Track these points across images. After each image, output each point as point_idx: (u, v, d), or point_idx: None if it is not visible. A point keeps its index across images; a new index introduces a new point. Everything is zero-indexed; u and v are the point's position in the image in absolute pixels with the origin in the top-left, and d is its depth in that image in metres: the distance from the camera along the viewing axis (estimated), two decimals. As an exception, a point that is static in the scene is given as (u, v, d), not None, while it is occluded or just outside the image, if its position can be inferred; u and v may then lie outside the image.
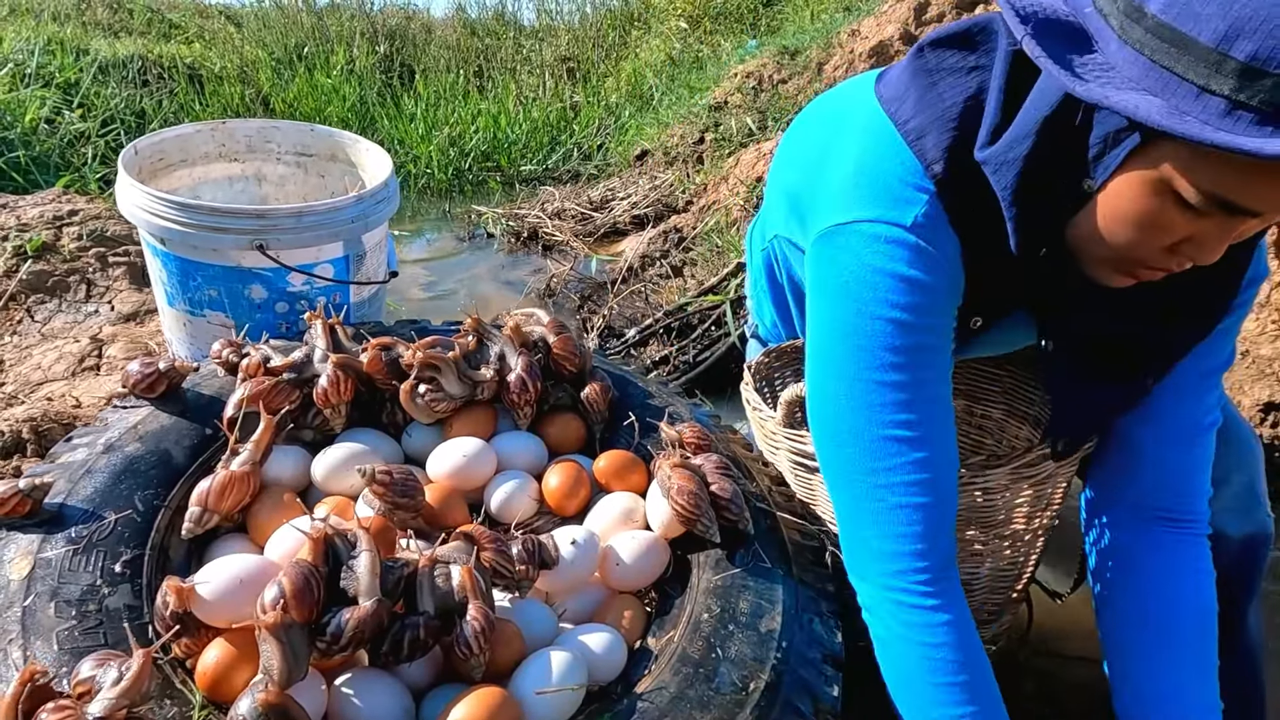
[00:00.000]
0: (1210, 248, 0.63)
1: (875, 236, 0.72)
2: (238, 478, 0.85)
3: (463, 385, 1.00)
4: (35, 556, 0.77)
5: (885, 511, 0.76)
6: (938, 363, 0.76)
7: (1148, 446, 0.85)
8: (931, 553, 0.75)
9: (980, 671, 0.76)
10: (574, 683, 0.73)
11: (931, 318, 0.74)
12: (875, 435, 0.75)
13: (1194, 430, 0.85)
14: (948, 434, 0.76)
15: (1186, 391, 0.84)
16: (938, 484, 0.75)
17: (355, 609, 0.67)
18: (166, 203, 1.06)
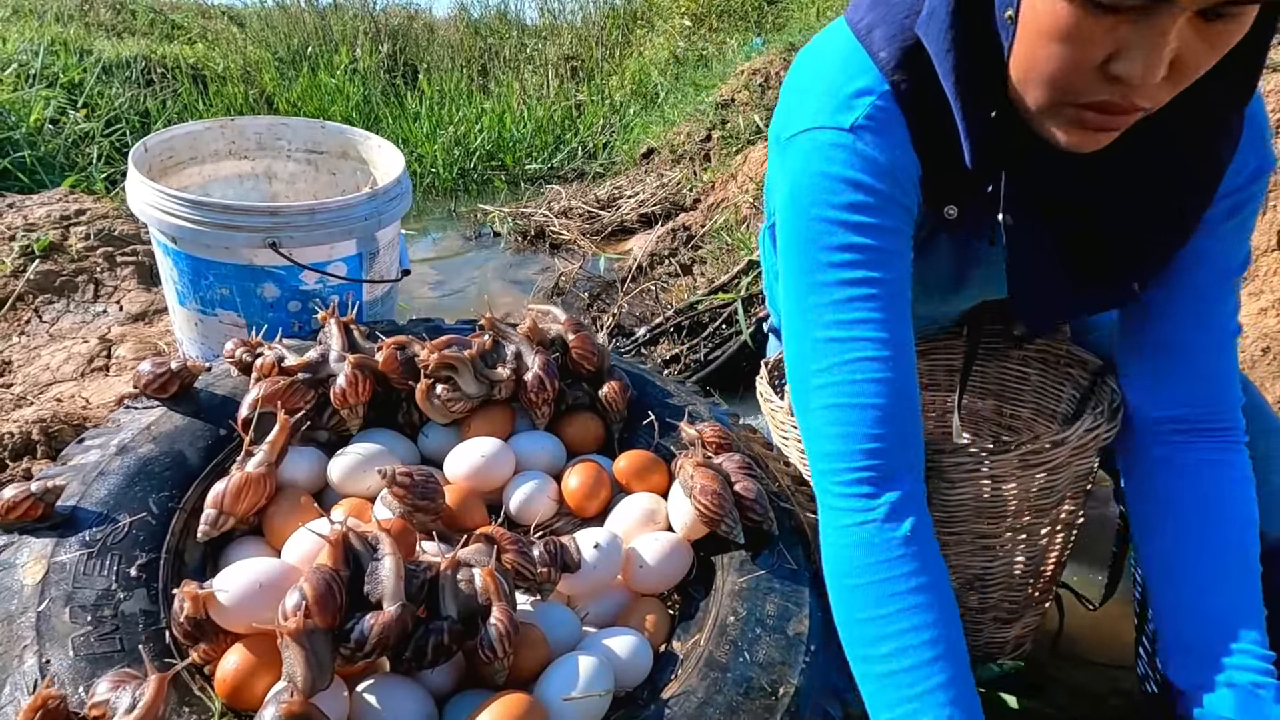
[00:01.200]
0: (1140, 62, 0.58)
1: (818, 143, 0.73)
2: (254, 479, 0.83)
3: (479, 385, 0.98)
4: (49, 561, 0.75)
5: (826, 410, 0.74)
6: (886, 263, 0.74)
7: (1177, 357, 0.82)
8: (878, 454, 0.72)
9: (940, 593, 0.71)
10: (601, 688, 0.71)
11: (876, 217, 0.73)
12: (816, 337, 0.74)
13: (1220, 336, 0.81)
14: (898, 338, 0.73)
15: (1206, 295, 0.80)
16: (884, 387, 0.72)
17: (379, 614, 0.65)
18: (178, 200, 1.05)
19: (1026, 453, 0.85)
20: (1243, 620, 0.75)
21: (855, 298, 0.73)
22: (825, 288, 0.74)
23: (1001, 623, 1.02)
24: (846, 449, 0.73)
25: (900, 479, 0.74)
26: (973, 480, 0.88)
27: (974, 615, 1.00)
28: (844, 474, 0.74)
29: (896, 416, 0.73)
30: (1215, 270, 0.80)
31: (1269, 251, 1.66)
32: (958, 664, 0.70)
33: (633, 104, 4.39)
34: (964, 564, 0.95)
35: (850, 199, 0.72)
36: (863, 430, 0.72)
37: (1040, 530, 0.95)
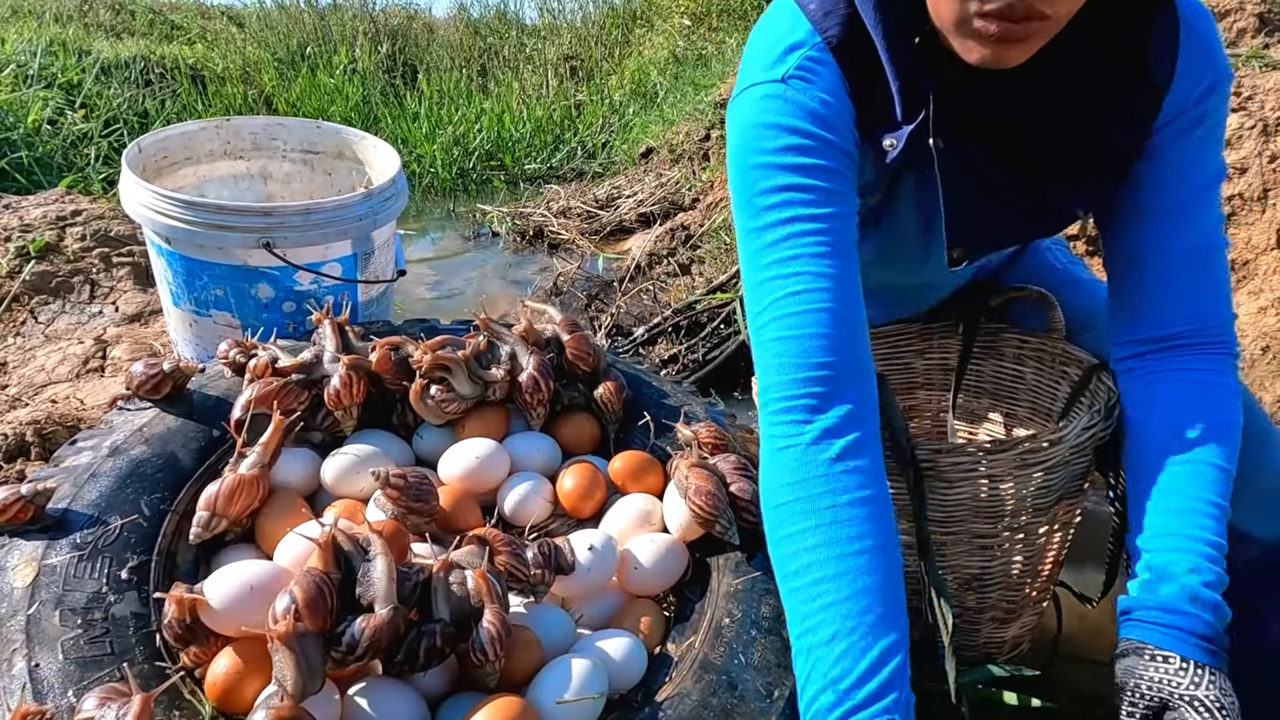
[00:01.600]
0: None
1: (753, 98, 0.76)
2: (247, 481, 0.83)
3: (474, 386, 0.98)
4: (39, 563, 0.75)
5: (769, 344, 0.74)
6: (822, 201, 0.75)
7: (1157, 275, 0.81)
8: (815, 381, 0.72)
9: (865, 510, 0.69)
10: (594, 691, 0.71)
11: (809, 157, 0.75)
12: (760, 278, 0.75)
13: (1203, 250, 0.80)
14: (839, 272, 0.74)
15: (1182, 210, 0.80)
16: (823, 316, 0.72)
17: (371, 617, 0.65)
18: (171, 201, 1.04)
19: (1024, 451, 0.85)
20: (1204, 515, 0.74)
21: (792, 235, 0.74)
22: (765, 230, 0.75)
23: (999, 623, 1.02)
24: (784, 378, 0.73)
25: (837, 405, 0.72)
26: (970, 480, 0.88)
27: (972, 615, 1.00)
28: (780, 402, 0.74)
29: (836, 345, 0.73)
30: (1188, 184, 0.80)
31: (1268, 250, 1.66)
32: (880, 582, 0.67)
33: (632, 104, 4.38)
34: (961, 564, 0.95)
35: (783, 143, 0.75)
36: (800, 359, 0.73)
37: (1038, 529, 0.95)
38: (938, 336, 1.23)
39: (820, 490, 0.69)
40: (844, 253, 0.75)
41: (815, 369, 0.72)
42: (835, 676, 0.64)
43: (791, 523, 0.70)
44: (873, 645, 0.64)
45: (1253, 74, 1.87)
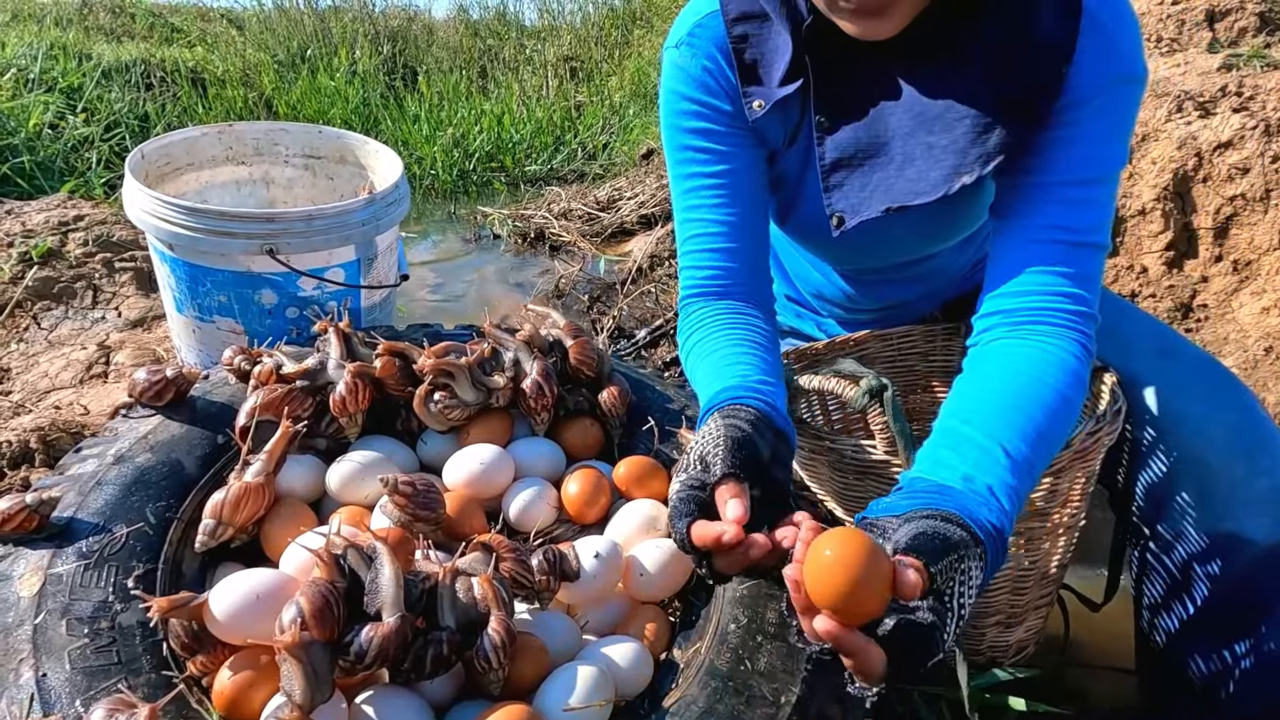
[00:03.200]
0: None
1: (664, 63, 0.92)
2: (253, 489, 0.83)
3: (477, 392, 0.98)
4: (45, 572, 0.75)
5: (682, 269, 0.93)
6: (712, 160, 0.89)
7: (1023, 251, 0.81)
8: (708, 295, 0.90)
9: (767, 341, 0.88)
10: (601, 698, 0.71)
11: (697, 121, 0.89)
12: (677, 219, 0.93)
13: (1067, 236, 0.79)
14: (734, 219, 0.90)
15: (1056, 193, 0.79)
16: (720, 255, 0.90)
17: (378, 625, 0.65)
18: (174, 207, 1.04)
19: None
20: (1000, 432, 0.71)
21: (693, 188, 0.91)
22: (677, 180, 0.93)
23: (1004, 627, 1.02)
24: (686, 291, 0.92)
25: (729, 300, 0.91)
26: None
27: (976, 620, 1.00)
28: (683, 303, 0.92)
29: (730, 272, 0.90)
30: (1075, 170, 0.79)
31: (1271, 251, 1.66)
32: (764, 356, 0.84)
33: (632, 105, 4.38)
34: None
35: (679, 108, 0.90)
36: (698, 281, 0.91)
37: (1043, 533, 0.95)
38: (941, 339, 1.23)
39: (711, 328, 0.88)
40: (739, 199, 0.90)
41: (711, 285, 0.90)
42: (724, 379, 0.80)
43: (694, 360, 0.88)
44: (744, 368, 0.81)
45: (1254, 74, 1.87)
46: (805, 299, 1.26)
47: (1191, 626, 0.96)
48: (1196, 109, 1.78)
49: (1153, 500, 0.97)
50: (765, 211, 0.95)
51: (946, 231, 0.99)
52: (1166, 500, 0.96)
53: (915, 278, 1.11)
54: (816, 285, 1.18)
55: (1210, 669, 0.94)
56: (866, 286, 1.12)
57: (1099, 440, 0.87)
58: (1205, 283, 1.72)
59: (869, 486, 0.90)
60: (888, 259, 1.05)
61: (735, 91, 0.88)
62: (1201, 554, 0.93)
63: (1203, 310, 1.71)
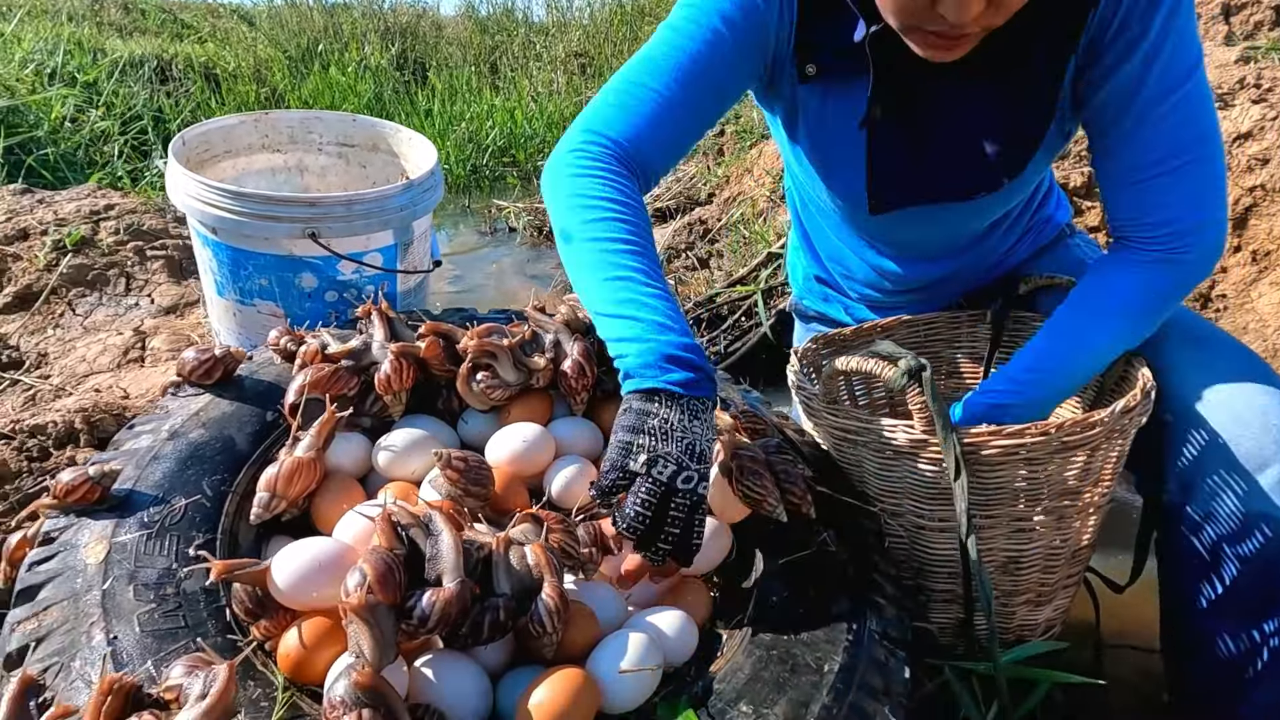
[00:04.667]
0: (954, 5, 0.71)
1: None
2: (304, 463, 0.85)
3: (518, 373, 1.00)
4: (110, 541, 0.77)
5: (600, 100, 0.92)
6: (715, 39, 0.89)
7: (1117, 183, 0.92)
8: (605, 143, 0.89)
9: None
10: (652, 663, 0.73)
11: (733, 9, 0.88)
12: (638, 55, 0.92)
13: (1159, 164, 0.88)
14: (696, 84, 0.90)
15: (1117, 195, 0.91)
16: (659, 104, 0.89)
17: (439, 590, 0.67)
18: (219, 191, 1.06)
19: (1065, 434, 0.86)
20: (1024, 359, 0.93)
21: (676, 48, 0.89)
22: (669, 28, 0.91)
23: (1033, 605, 1.03)
24: (597, 128, 0.90)
25: (627, 166, 0.89)
26: (1010, 463, 0.89)
27: (1005, 598, 1.02)
28: (580, 136, 0.90)
29: (639, 135, 0.89)
30: (1139, 103, 0.85)
31: (1290, 241, 1.67)
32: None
33: (643, 100, 4.40)
34: (999, 547, 0.96)
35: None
36: (613, 128, 0.89)
37: (1073, 512, 0.96)
38: (966, 325, 1.24)
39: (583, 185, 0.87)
40: (701, 92, 0.90)
41: (620, 142, 0.89)
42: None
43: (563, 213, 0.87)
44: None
45: (1272, 66, 1.88)
46: (835, 280, 1.27)
47: (1219, 606, 0.97)
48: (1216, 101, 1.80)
49: (1182, 482, 0.98)
50: (717, 113, 0.95)
51: (977, 216, 1.03)
52: (1196, 482, 0.97)
53: (960, 250, 1.14)
54: (849, 266, 1.20)
55: (1238, 648, 0.95)
56: (910, 264, 1.14)
57: (1131, 420, 0.89)
58: (1224, 273, 1.73)
59: (905, 467, 0.92)
60: (918, 233, 1.08)
61: (785, 27, 0.90)
62: (1231, 535, 0.94)
63: (1222, 300, 1.72)
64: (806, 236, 1.26)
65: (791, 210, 1.28)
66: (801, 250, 1.31)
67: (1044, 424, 0.87)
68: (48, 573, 0.75)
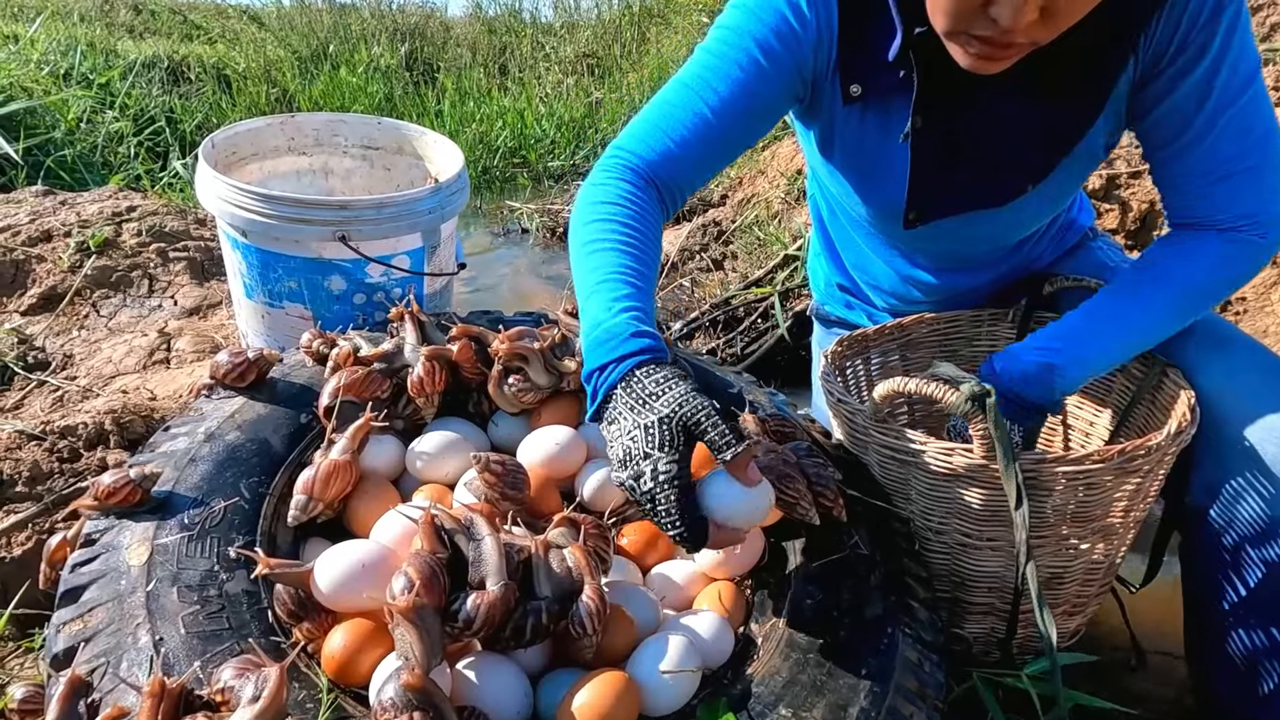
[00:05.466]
0: (1008, 8, 0.70)
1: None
2: (341, 466, 0.85)
3: (549, 376, 1.00)
4: (152, 543, 0.77)
5: (634, 123, 0.94)
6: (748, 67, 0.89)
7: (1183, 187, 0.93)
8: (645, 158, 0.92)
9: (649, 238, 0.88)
10: (692, 665, 0.73)
11: (770, 34, 0.88)
12: (675, 81, 0.94)
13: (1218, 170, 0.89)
14: (730, 109, 0.90)
15: (1191, 144, 0.89)
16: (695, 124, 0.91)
17: (483, 593, 0.67)
18: (250, 195, 1.07)
19: (1127, 459, 0.85)
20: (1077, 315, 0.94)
21: (711, 72, 0.90)
22: (705, 51, 0.92)
23: (1067, 616, 1.03)
24: (629, 148, 0.92)
25: (642, 182, 0.91)
26: (1070, 488, 0.88)
27: None
28: (614, 157, 0.93)
29: (670, 155, 0.91)
30: (1200, 116, 0.87)
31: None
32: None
33: (653, 101, 4.40)
34: (1044, 564, 0.95)
35: (765, 4, 0.88)
36: (645, 148, 0.91)
37: (1119, 529, 0.96)
38: (987, 324, 1.24)
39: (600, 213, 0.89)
40: (736, 117, 0.91)
41: (651, 163, 0.91)
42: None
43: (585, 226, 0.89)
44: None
45: (1291, 69, 1.88)
46: (860, 289, 1.28)
47: (1243, 610, 0.97)
48: (1234, 104, 1.79)
49: (1205, 485, 0.98)
50: (751, 139, 0.96)
51: (1014, 226, 1.04)
52: (1219, 485, 0.97)
53: (994, 262, 1.14)
54: (876, 275, 1.20)
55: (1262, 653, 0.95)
56: (943, 274, 1.14)
57: (1180, 443, 0.89)
58: (1243, 276, 1.73)
59: (956, 489, 0.91)
60: (952, 243, 1.08)
61: (826, 45, 0.89)
62: (1254, 538, 0.94)
63: (1241, 303, 1.72)
64: (830, 245, 1.26)
65: (815, 217, 1.28)
66: (824, 257, 1.31)
67: (1107, 449, 0.86)
68: (91, 574, 0.76)
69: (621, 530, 0.94)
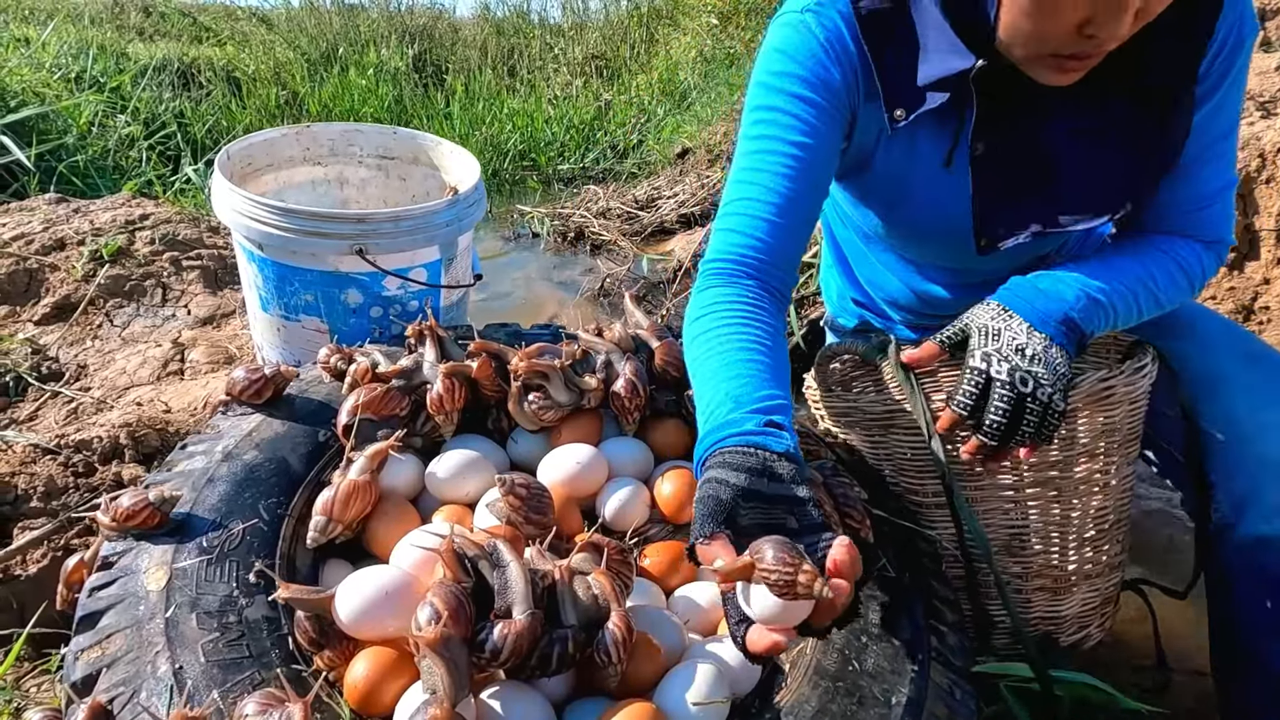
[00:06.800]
0: (1110, 24, 0.68)
1: (777, 24, 0.89)
2: (360, 486, 0.84)
3: (570, 393, 0.99)
4: (170, 567, 0.76)
5: (716, 231, 0.90)
6: (795, 128, 0.87)
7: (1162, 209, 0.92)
8: (739, 260, 0.88)
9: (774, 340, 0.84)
10: (720, 695, 0.72)
11: (797, 86, 0.86)
12: (733, 178, 0.90)
13: (1202, 197, 0.90)
14: (793, 193, 0.87)
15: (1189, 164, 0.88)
16: (760, 226, 0.87)
17: (510, 623, 0.66)
18: (267, 208, 1.06)
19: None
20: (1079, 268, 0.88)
21: (764, 150, 0.88)
22: (748, 140, 0.89)
23: (1051, 593, 0.99)
24: (715, 255, 0.89)
25: (749, 282, 0.88)
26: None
27: (1018, 583, 0.99)
28: (710, 266, 0.89)
29: (766, 248, 0.87)
30: (1204, 139, 0.87)
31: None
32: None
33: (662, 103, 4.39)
34: (997, 523, 0.98)
35: (783, 68, 0.87)
36: (733, 248, 0.88)
37: (1067, 487, 0.95)
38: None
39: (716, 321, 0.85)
40: (807, 177, 0.87)
41: (745, 256, 0.87)
42: (731, 394, 0.76)
43: (694, 347, 0.85)
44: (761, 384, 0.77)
45: (1315, 74, 1.85)
46: (876, 304, 1.26)
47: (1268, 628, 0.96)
48: (1259, 109, 1.77)
49: (1234, 501, 0.97)
50: (823, 196, 0.93)
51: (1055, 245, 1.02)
52: (1248, 503, 0.95)
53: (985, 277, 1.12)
54: (891, 292, 1.18)
55: None
56: (960, 290, 1.12)
57: (1111, 389, 0.90)
58: (1267, 285, 1.71)
59: (891, 439, 1.00)
60: (1007, 266, 1.06)
61: (857, 80, 0.87)
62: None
63: (1265, 313, 1.69)
64: (843, 260, 1.25)
65: (825, 232, 1.26)
66: (836, 272, 1.29)
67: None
68: (109, 599, 0.75)
69: (644, 551, 0.92)
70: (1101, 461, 0.95)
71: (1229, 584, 0.99)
